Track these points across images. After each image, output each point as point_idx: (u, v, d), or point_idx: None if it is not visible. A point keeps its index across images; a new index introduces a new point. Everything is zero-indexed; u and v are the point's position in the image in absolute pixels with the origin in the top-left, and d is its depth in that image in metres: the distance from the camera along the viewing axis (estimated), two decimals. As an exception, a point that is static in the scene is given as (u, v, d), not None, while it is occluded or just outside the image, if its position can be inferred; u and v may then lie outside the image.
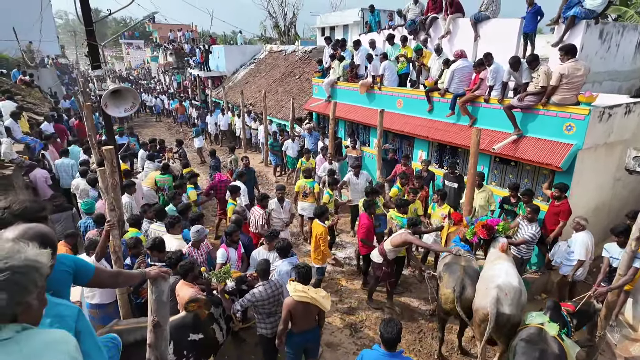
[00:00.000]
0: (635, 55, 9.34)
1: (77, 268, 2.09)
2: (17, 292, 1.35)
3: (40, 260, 1.41)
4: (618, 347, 5.55)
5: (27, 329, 1.39)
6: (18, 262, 1.36)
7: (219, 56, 24.75)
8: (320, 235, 6.00)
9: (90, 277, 2.16)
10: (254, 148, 16.46)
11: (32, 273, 1.38)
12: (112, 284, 3.08)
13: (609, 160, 7.10)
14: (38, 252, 1.41)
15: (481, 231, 5.50)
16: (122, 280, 2.56)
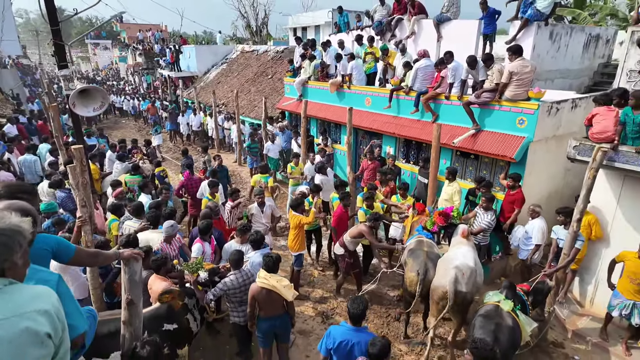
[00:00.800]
0: (583, 54, 10.04)
1: (59, 247, 2.28)
2: (3, 251, 1.55)
3: (23, 226, 1.62)
4: (567, 322, 6.05)
5: (14, 283, 1.58)
6: (3, 226, 1.56)
7: (190, 56, 24.53)
8: (298, 225, 6.28)
9: (71, 255, 2.35)
10: (227, 148, 16.48)
11: (16, 236, 1.59)
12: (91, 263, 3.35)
13: (559, 151, 7.61)
14: (20, 219, 1.62)
15: (439, 219, 5.93)
16: (101, 259, 2.75)
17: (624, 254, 5.18)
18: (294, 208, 6.39)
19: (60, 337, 1.63)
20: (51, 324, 1.58)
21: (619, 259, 5.23)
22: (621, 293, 5.18)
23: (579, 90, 9.61)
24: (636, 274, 4.99)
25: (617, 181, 5.73)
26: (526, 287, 5.16)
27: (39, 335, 1.54)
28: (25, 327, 1.51)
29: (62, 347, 1.66)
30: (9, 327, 1.47)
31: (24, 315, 1.52)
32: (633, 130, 4.91)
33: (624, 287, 5.15)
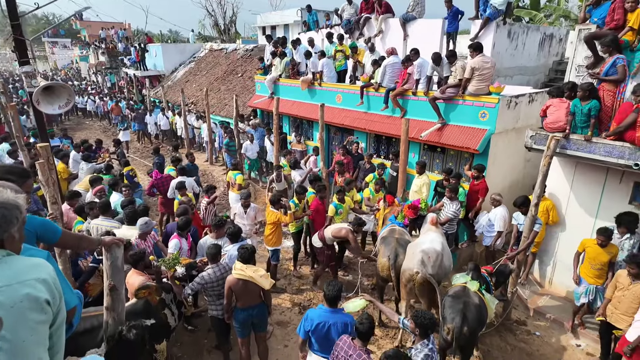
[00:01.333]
0: (539, 52, 10.67)
1: (44, 229, 2.30)
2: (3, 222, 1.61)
3: (19, 201, 1.66)
4: (528, 301, 6.47)
5: (12, 255, 1.62)
6: (2, 199, 1.61)
7: (156, 55, 23.95)
8: (276, 220, 6.36)
9: (57, 237, 2.37)
10: (197, 147, 16.27)
11: (13, 209, 1.65)
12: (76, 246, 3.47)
13: (519, 143, 8.07)
14: (16, 195, 1.65)
15: (409, 212, 6.23)
16: (85, 243, 2.79)
17: (584, 242, 5.48)
18: (272, 204, 6.48)
19: (57, 305, 1.69)
20: (49, 291, 1.64)
21: (581, 248, 5.49)
22: (584, 279, 5.46)
23: (536, 86, 10.21)
24: (595, 259, 5.25)
25: (569, 168, 6.19)
26: (490, 268, 5.51)
27: (39, 302, 1.60)
28: (26, 293, 1.57)
29: (60, 316, 1.72)
30: (11, 293, 1.53)
31: (24, 283, 1.58)
32: (581, 120, 5.34)
33: (585, 273, 5.44)
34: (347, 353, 3.44)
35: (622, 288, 4.70)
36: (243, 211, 6.76)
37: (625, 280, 4.68)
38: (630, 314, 4.49)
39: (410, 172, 8.08)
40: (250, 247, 4.63)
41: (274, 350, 5.35)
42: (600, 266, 5.28)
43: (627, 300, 4.58)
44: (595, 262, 5.28)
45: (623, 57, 5.12)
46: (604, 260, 5.24)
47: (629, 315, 4.52)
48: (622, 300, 4.65)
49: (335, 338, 3.75)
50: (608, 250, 5.21)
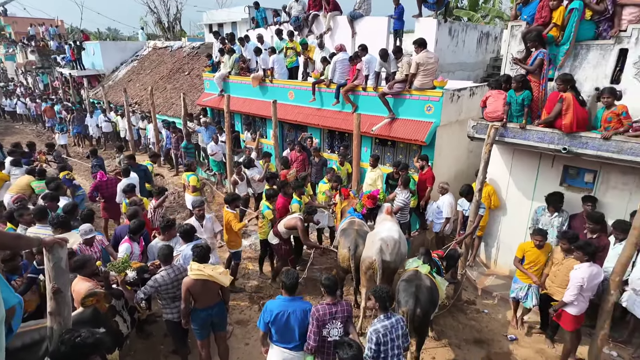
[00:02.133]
0: (478, 49, 11.35)
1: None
2: None
3: None
4: (477, 282, 6.88)
5: None
6: None
7: (94, 53, 22.51)
8: (231, 221, 6.21)
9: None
10: (143, 149, 15.54)
11: None
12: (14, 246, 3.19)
13: (462, 135, 8.52)
14: None
15: (368, 202, 6.38)
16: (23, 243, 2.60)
17: (522, 246, 5.49)
18: (227, 203, 6.35)
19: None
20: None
21: (520, 254, 5.47)
22: (519, 278, 5.54)
23: (476, 81, 10.84)
24: (535, 262, 5.31)
25: (508, 155, 6.66)
26: (441, 253, 5.79)
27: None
28: None
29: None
30: None
31: None
32: (516, 109, 5.76)
33: (521, 273, 5.49)
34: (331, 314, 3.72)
35: (557, 263, 5.13)
36: (199, 224, 6.00)
37: (559, 256, 5.12)
38: (564, 286, 4.90)
39: (362, 166, 8.27)
40: (205, 245, 4.52)
41: (235, 349, 5.27)
42: (539, 267, 5.33)
43: (561, 274, 5.00)
44: (536, 264, 5.32)
45: (544, 52, 5.60)
46: (543, 261, 5.30)
47: (563, 288, 4.94)
48: (557, 275, 5.07)
49: (294, 326, 3.79)
50: (545, 250, 5.30)
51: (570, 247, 4.90)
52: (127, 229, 5.34)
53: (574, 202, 5.90)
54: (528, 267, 5.41)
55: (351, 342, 3.28)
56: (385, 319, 3.68)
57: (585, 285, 4.55)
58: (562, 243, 5.04)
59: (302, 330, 3.82)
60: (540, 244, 5.26)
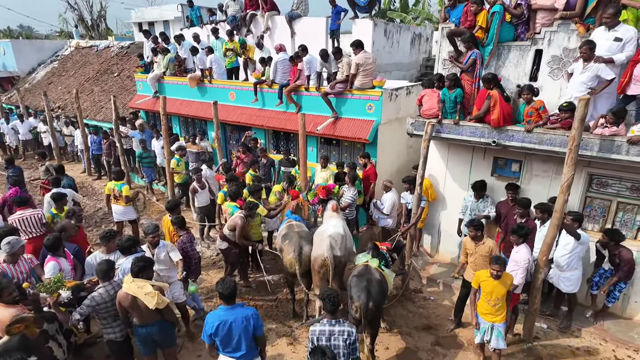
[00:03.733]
0: (411, 50, 11.92)
1: None
2: None
3: None
4: (422, 271, 7.23)
5: None
6: None
7: (5, 53, 20.26)
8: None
9: None
10: (70, 157, 14.30)
11: None
12: None
13: (402, 132, 8.89)
14: None
15: (321, 192, 6.47)
16: None
17: (478, 276, 4.78)
18: (169, 210, 6.04)
19: None
20: None
21: (476, 284, 4.79)
22: (481, 316, 4.77)
23: (411, 80, 11.38)
24: (492, 294, 4.58)
25: (444, 150, 7.07)
26: (388, 245, 5.98)
27: None
28: None
29: None
30: None
31: None
32: (450, 106, 6.15)
33: (482, 310, 4.75)
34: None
35: (471, 253, 5.35)
36: (150, 253, 5.05)
37: (471, 245, 5.33)
38: None
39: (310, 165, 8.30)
40: (145, 258, 4.23)
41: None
42: (497, 301, 4.59)
43: (480, 261, 5.22)
44: (492, 297, 4.60)
45: (477, 52, 6.04)
46: (502, 294, 4.57)
47: None
48: (477, 263, 5.26)
49: (237, 334, 3.70)
50: (503, 281, 4.58)
51: (477, 234, 5.20)
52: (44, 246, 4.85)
53: (504, 190, 6.41)
54: (483, 300, 4.68)
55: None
56: (328, 324, 3.67)
57: (529, 265, 4.95)
58: (469, 231, 5.28)
59: (247, 337, 3.73)
60: (498, 274, 4.49)
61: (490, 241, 5.33)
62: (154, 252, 5.05)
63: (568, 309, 5.76)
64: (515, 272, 4.98)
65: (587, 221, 5.98)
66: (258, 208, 6.54)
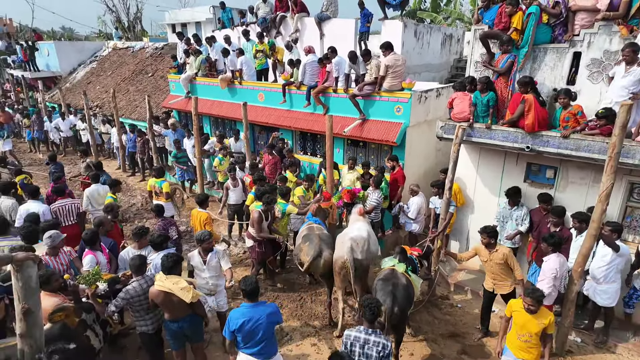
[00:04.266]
0: (442, 51, 11.71)
1: None
2: None
3: None
4: (449, 277, 7.11)
5: None
6: None
7: (49, 54, 21.34)
8: (206, 221, 6.15)
9: None
10: (106, 154, 14.93)
11: None
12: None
13: (430, 134, 8.81)
14: None
15: (346, 195, 6.48)
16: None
17: (511, 304, 4.32)
18: (199, 204, 6.28)
19: None
20: None
21: (508, 312, 4.33)
22: (510, 350, 4.24)
23: (441, 82, 11.20)
24: (523, 328, 4.06)
25: (475, 154, 6.92)
26: (419, 250, 5.91)
27: None
28: None
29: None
30: None
31: None
32: (482, 110, 6.02)
33: (512, 343, 4.24)
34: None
35: (485, 261, 5.22)
36: (201, 260, 4.93)
37: (484, 252, 5.19)
38: (504, 278, 5.12)
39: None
40: (175, 255, 4.37)
41: (214, 357, 5.17)
42: (529, 338, 4.05)
43: (495, 268, 5.11)
44: (523, 331, 4.07)
45: (515, 55, 5.88)
46: (533, 331, 4.00)
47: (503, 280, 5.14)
48: (493, 270, 5.16)
49: (259, 332, 3.78)
50: (539, 318, 3.98)
51: (490, 242, 5.06)
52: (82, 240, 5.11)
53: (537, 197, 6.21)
54: (514, 331, 4.19)
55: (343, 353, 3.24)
56: (364, 332, 3.62)
57: (557, 275, 4.79)
58: (482, 238, 5.13)
59: (270, 334, 3.86)
60: (530, 308, 3.94)
61: (503, 248, 5.18)
62: (206, 259, 4.94)
63: (605, 324, 5.51)
64: (542, 282, 4.83)
65: (626, 232, 5.71)
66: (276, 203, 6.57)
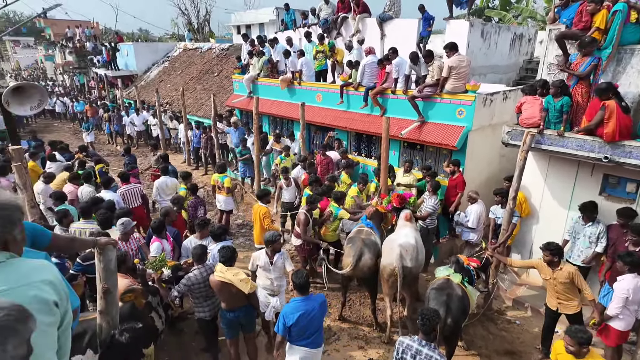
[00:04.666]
0: (510, 51, 11.06)
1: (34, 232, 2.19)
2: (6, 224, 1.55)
3: (20, 202, 1.60)
4: (508, 292, 6.71)
5: (15, 257, 1.57)
6: (5, 200, 1.54)
7: (128, 54, 23.32)
8: (264, 215, 6.37)
9: (48, 240, 2.26)
10: (173, 148, 15.98)
11: (15, 211, 1.60)
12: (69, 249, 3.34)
13: (494, 139, 8.37)
14: (17, 196, 1.59)
15: (395, 200, 6.36)
16: (77, 244, 2.70)
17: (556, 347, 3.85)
18: (259, 198, 6.49)
19: (64, 306, 1.65)
20: (57, 293, 1.60)
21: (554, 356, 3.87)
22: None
23: (508, 84, 10.57)
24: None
25: (544, 162, 6.46)
26: (477, 262, 5.63)
27: (48, 303, 1.56)
28: (34, 295, 1.53)
29: (67, 317, 1.68)
30: (19, 296, 1.48)
31: (31, 285, 1.54)
32: (554, 116, 5.59)
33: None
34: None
35: (548, 279, 4.85)
36: (268, 260, 4.94)
37: (547, 270, 4.82)
38: (571, 297, 4.75)
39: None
40: (231, 247, 4.58)
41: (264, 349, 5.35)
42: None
43: (559, 287, 4.75)
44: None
45: (598, 57, 5.40)
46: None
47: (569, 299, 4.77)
48: (557, 290, 4.79)
49: (314, 323, 3.91)
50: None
51: (552, 259, 4.68)
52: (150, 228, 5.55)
53: (614, 213, 5.66)
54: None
55: None
56: (417, 342, 3.51)
57: (630, 297, 4.35)
58: (544, 255, 4.77)
59: (321, 325, 3.99)
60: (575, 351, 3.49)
61: (569, 266, 4.77)
62: (273, 260, 4.94)
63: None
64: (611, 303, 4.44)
65: None
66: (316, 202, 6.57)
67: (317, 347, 4.06)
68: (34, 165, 8.11)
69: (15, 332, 1.17)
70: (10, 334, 1.15)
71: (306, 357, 4.01)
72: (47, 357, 1.55)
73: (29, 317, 1.23)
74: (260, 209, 6.44)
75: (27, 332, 1.21)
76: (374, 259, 5.58)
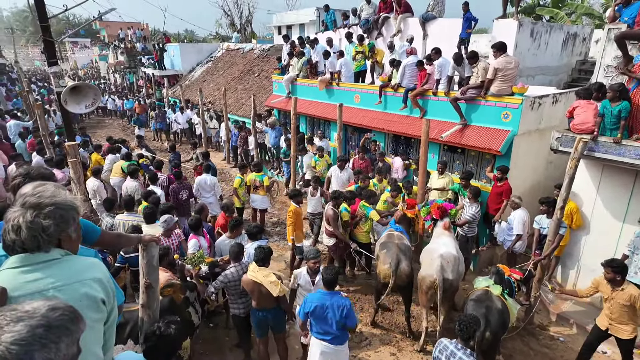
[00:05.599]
0: (562, 52, 10.44)
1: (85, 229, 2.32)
2: (61, 222, 1.65)
3: (76, 202, 1.71)
4: (552, 306, 6.35)
5: (69, 254, 1.68)
6: (60, 200, 1.65)
7: (174, 54, 24.30)
8: (288, 214, 6.50)
9: (97, 236, 2.40)
10: (214, 147, 16.47)
11: (71, 210, 1.70)
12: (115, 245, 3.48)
13: (542, 144, 7.95)
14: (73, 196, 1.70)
15: (435, 211, 6.15)
16: (123, 241, 2.85)
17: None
18: (291, 197, 6.57)
19: (111, 304, 1.75)
20: (104, 291, 1.70)
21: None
22: None
23: (558, 86, 9.98)
24: None
25: (596, 171, 6.04)
26: (519, 274, 5.36)
27: (96, 300, 1.66)
28: (85, 292, 1.63)
29: (112, 314, 1.77)
30: (72, 292, 1.58)
31: (83, 282, 1.64)
32: (611, 122, 5.21)
33: None
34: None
35: (606, 298, 4.55)
36: (309, 280, 4.74)
37: (606, 289, 4.53)
38: (626, 321, 4.42)
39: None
40: (267, 248, 4.63)
41: (294, 350, 5.38)
42: None
43: (616, 309, 4.44)
44: None
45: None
46: None
47: (625, 323, 4.44)
48: (613, 310, 4.49)
49: (331, 319, 3.96)
50: None
51: (614, 277, 4.35)
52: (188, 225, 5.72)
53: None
54: None
55: None
56: (453, 345, 3.47)
57: None
58: (605, 272, 4.43)
59: (339, 323, 3.99)
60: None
61: (633, 289, 4.40)
62: (315, 280, 4.66)
63: None
64: None
65: None
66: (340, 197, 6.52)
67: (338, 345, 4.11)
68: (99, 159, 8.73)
69: (69, 332, 1.24)
70: (64, 334, 1.22)
71: (326, 352, 4.11)
72: (93, 351, 1.64)
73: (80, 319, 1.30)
74: (290, 207, 6.58)
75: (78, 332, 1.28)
76: (410, 265, 5.46)
